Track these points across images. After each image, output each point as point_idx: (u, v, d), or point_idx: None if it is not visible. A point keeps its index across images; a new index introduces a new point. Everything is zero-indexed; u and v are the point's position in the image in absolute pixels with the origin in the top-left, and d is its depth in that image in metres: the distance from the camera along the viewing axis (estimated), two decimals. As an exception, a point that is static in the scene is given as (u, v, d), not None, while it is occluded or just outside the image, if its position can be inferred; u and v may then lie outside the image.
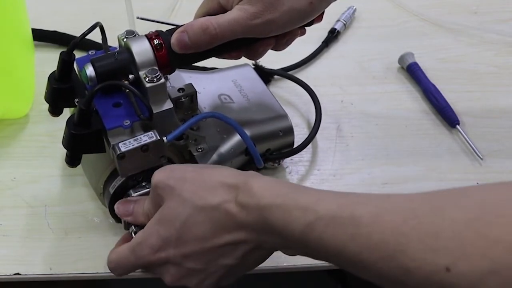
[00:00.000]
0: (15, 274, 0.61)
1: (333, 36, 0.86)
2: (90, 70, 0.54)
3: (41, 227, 0.65)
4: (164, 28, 0.59)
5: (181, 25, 0.56)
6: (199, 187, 0.49)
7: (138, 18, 0.63)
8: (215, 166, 0.53)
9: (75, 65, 0.58)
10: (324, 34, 0.86)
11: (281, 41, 0.60)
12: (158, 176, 0.52)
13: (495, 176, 0.69)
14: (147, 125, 0.55)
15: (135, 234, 0.55)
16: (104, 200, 0.61)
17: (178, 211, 0.49)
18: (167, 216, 0.50)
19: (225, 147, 0.64)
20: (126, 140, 0.54)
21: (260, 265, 0.51)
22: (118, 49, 0.58)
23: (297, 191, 0.47)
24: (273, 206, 0.45)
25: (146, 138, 0.54)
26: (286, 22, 0.55)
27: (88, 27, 0.55)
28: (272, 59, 0.70)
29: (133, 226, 0.57)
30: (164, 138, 0.55)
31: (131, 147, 0.54)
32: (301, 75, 0.80)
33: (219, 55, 0.60)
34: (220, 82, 0.71)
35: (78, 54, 0.57)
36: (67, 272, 0.61)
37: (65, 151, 0.56)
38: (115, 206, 0.57)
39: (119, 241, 0.57)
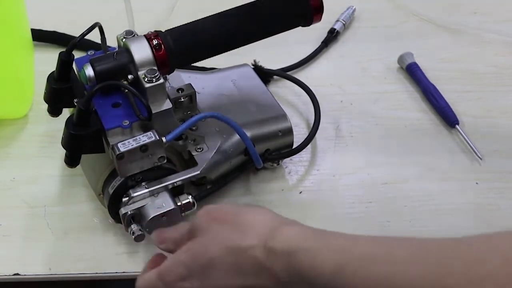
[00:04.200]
0: (14, 274, 0.61)
1: (332, 36, 0.86)
2: (89, 70, 0.54)
3: (40, 227, 0.65)
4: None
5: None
6: (232, 230, 0.50)
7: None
8: (252, 208, 0.53)
9: (74, 65, 0.58)
10: (323, 34, 0.86)
11: None
12: (200, 216, 0.52)
13: (495, 176, 0.69)
14: (146, 125, 0.55)
15: (133, 234, 0.57)
16: (104, 200, 0.61)
17: (208, 248, 0.50)
18: (196, 249, 0.51)
19: (225, 147, 0.64)
20: (125, 140, 0.54)
21: None
22: (117, 49, 0.58)
23: (329, 235, 0.46)
24: (299, 250, 0.45)
25: (145, 138, 0.54)
26: None
27: (88, 27, 0.56)
28: (271, 59, 0.70)
29: (132, 226, 0.58)
30: (163, 138, 0.55)
31: (130, 147, 0.54)
32: (301, 75, 0.80)
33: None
34: (219, 82, 0.71)
35: (77, 55, 0.57)
36: (66, 272, 0.61)
37: (64, 151, 0.56)
38: (153, 234, 0.56)
39: (148, 262, 0.56)
